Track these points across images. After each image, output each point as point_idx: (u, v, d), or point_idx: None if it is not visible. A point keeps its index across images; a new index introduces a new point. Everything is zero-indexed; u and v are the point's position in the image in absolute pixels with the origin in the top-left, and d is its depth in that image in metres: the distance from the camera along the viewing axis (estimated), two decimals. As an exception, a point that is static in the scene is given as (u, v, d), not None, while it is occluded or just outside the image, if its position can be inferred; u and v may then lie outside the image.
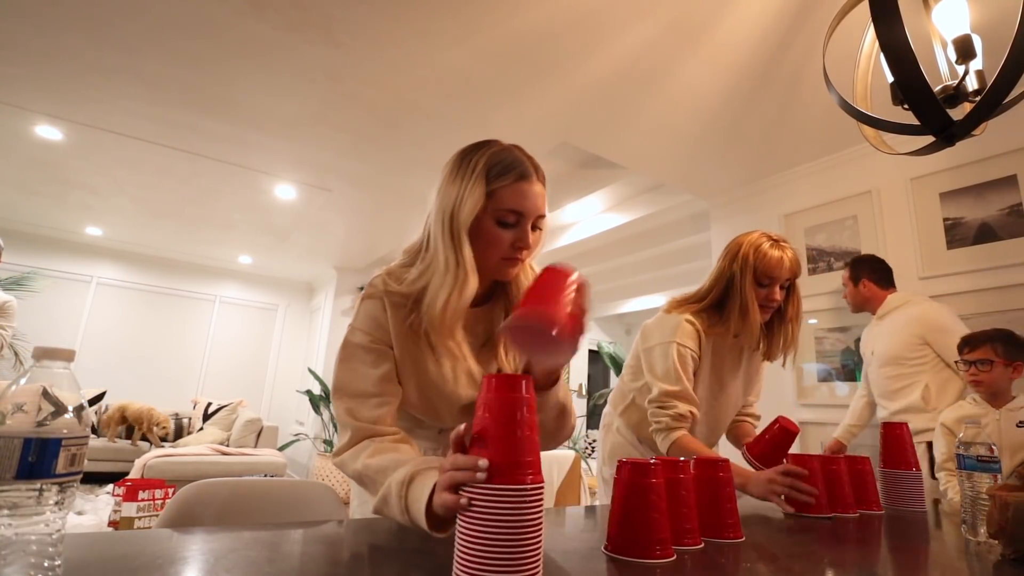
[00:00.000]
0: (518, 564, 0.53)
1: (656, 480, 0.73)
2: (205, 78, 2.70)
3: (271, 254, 6.10)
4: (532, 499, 0.55)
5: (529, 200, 0.88)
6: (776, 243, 1.41)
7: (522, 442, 0.56)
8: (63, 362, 0.46)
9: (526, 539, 0.54)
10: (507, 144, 0.92)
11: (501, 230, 0.88)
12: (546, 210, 0.93)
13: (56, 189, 4.48)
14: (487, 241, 0.88)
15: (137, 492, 3.08)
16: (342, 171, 3.72)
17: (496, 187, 0.86)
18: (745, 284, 1.38)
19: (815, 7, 1.95)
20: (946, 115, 1.17)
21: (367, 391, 0.88)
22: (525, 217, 0.88)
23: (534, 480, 0.56)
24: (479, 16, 2.11)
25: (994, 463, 0.90)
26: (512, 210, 0.87)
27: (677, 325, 1.43)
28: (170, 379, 6.29)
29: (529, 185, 0.88)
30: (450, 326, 0.89)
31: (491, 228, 0.88)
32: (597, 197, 4.32)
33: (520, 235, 0.89)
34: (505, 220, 0.88)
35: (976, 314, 2.36)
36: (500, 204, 0.87)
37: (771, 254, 1.37)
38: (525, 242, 0.89)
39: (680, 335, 1.41)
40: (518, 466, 0.55)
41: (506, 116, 2.80)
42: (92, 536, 0.67)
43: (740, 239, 1.45)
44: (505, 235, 0.88)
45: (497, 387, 0.58)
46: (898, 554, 0.86)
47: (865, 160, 2.83)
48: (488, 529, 0.53)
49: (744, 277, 1.38)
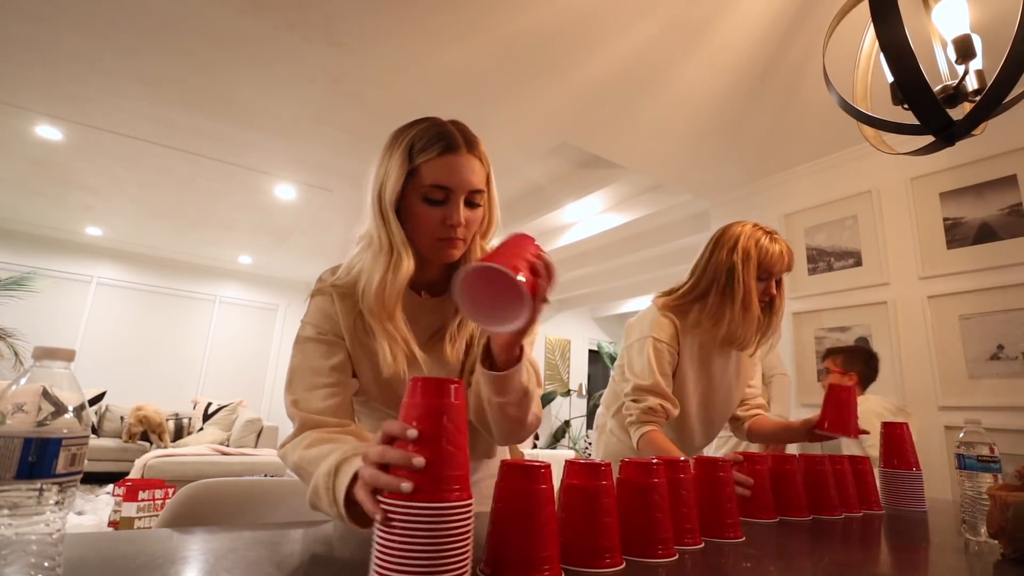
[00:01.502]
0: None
1: (658, 480, 0.73)
2: (205, 78, 2.70)
3: (271, 254, 6.10)
4: (456, 519, 0.50)
5: (456, 173, 0.82)
6: (771, 236, 1.40)
7: (447, 455, 0.51)
8: (63, 362, 0.46)
9: (449, 563, 0.49)
10: (442, 120, 0.87)
11: (429, 207, 0.83)
12: (487, 186, 0.87)
13: (56, 189, 4.48)
14: (416, 221, 0.84)
15: (137, 492, 3.08)
16: (342, 171, 3.72)
17: (420, 162, 0.82)
18: (748, 277, 1.35)
19: (815, 7, 1.95)
20: (946, 115, 1.17)
21: (316, 383, 0.85)
22: (454, 192, 0.82)
23: (460, 497, 0.50)
24: (479, 16, 2.11)
25: (994, 463, 0.90)
26: (437, 185, 0.82)
27: (652, 319, 1.42)
28: (170, 379, 6.29)
29: (455, 157, 0.82)
30: (388, 309, 0.84)
31: (419, 206, 0.83)
32: (597, 197, 4.32)
33: (449, 212, 0.83)
34: (431, 197, 0.82)
35: (976, 314, 2.36)
36: (424, 180, 0.82)
37: (772, 249, 1.36)
38: (456, 219, 0.82)
39: (655, 329, 1.40)
40: (442, 481, 0.50)
41: (506, 116, 2.80)
42: (92, 536, 0.67)
43: (734, 230, 1.42)
44: (433, 212, 0.83)
45: (423, 391, 0.52)
46: (898, 554, 0.86)
47: (865, 160, 2.83)
48: (407, 551, 0.48)
49: (747, 270, 1.35)
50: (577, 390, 7.90)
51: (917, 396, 2.52)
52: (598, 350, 8.46)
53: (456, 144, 0.83)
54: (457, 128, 0.86)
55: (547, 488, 0.60)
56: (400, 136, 0.86)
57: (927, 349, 2.50)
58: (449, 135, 0.83)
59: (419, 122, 0.87)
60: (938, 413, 2.43)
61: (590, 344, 8.40)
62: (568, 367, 7.97)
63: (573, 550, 0.63)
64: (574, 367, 8.08)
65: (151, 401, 5.53)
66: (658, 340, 1.39)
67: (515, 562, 0.57)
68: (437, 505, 0.49)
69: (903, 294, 2.63)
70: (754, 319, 1.36)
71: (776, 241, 1.39)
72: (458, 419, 0.52)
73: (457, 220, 0.83)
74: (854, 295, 2.81)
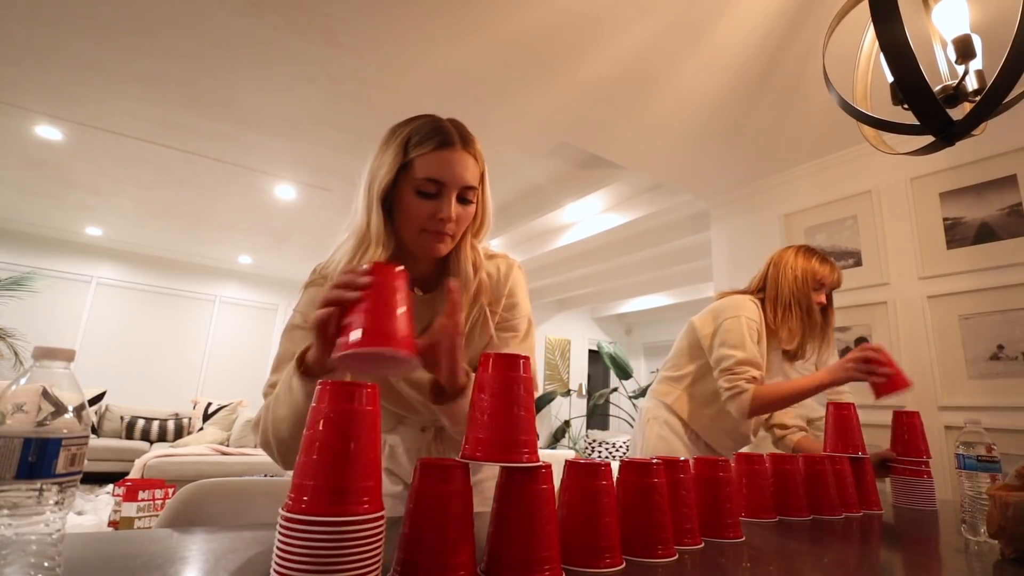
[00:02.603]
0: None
1: (658, 480, 0.73)
2: (205, 78, 2.70)
3: (271, 254, 6.10)
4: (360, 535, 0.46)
5: (449, 168, 0.83)
6: (822, 257, 1.64)
7: (354, 462, 0.47)
8: (63, 362, 0.46)
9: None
10: (439, 117, 0.89)
11: (420, 200, 0.84)
12: (481, 184, 0.88)
13: (56, 189, 4.48)
14: (406, 212, 0.85)
15: (137, 492, 3.08)
16: (342, 171, 3.72)
17: (414, 156, 0.83)
18: (809, 289, 1.59)
19: (815, 7, 1.95)
20: (946, 115, 1.17)
21: None
22: (446, 187, 0.84)
23: (368, 510, 0.47)
24: (479, 15, 2.11)
25: (994, 463, 0.90)
26: (429, 179, 0.83)
27: (744, 303, 1.60)
28: (170, 379, 6.29)
29: (450, 153, 0.83)
30: None
31: (410, 199, 0.84)
32: (597, 197, 4.32)
33: (440, 206, 0.84)
34: (424, 190, 0.84)
35: (976, 314, 2.36)
36: (417, 173, 0.83)
37: (822, 269, 1.62)
38: (446, 213, 0.83)
39: (748, 311, 1.57)
40: (342, 493, 0.46)
41: (506, 116, 2.80)
42: (92, 536, 0.67)
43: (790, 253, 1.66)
44: (424, 206, 0.84)
45: (331, 397, 0.50)
46: (898, 554, 0.86)
47: (865, 160, 2.83)
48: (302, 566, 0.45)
49: (806, 283, 1.59)
50: (577, 390, 7.90)
51: (917, 396, 2.52)
52: (598, 350, 8.45)
53: (452, 140, 0.84)
54: (454, 125, 0.87)
55: (547, 488, 0.60)
56: (397, 131, 0.87)
57: (927, 349, 2.50)
58: (445, 131, 0.84)
59: (417, 118, 0.88)
60: (938, 413, 2.43)
61: (590, 344, 8.40)
62: (568, 367, 7.97)
63: (573, 550, 0.63)
64: (574, 367, 8.08)
65: (151, 401, 5.53)
66: (750, 319, 1.56)
67: (515, 562, 0.57)
68: (333, 520, 0.46)
69: (903, 294, 2.63)
70: (815, 325, 1.61)
71: (826, 262, 1.63)
72: (369, 427, 0.49)
73: (448, 214, 0.83)
74: (854, 295, 2.81)
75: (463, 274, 0.90)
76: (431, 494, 0.55)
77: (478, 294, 0.93)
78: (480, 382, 0.63)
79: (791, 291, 1.59)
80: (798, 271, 1.60)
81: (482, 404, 0.61)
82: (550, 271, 5.81)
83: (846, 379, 1.39)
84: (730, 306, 1.60)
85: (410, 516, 0.55)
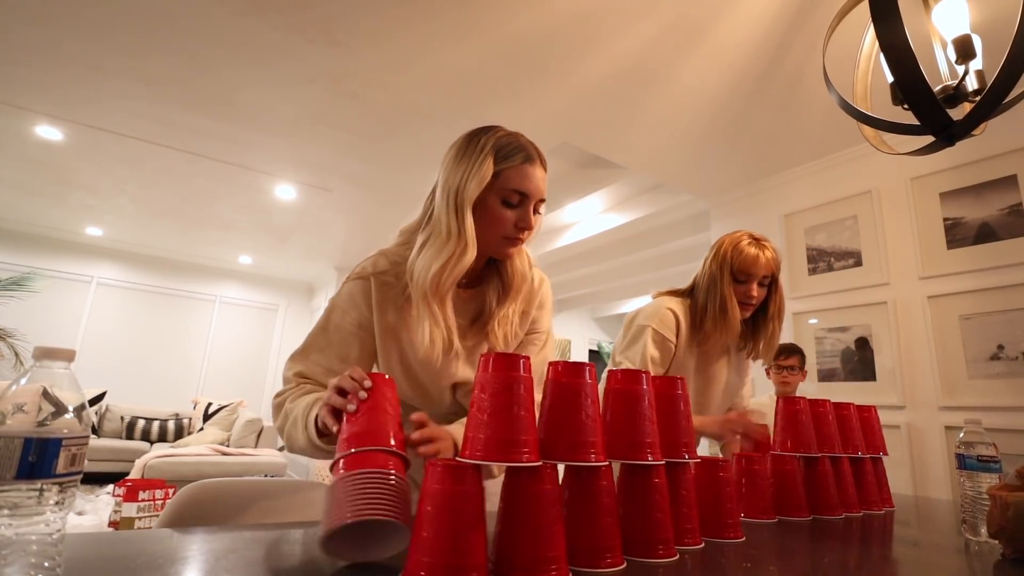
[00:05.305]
0: None
1: (659, 480, 0.73)
2: (205, 78, 2.70)
3: (271, 254, 6.10)
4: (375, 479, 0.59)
5: (533, 182, 0.93)
6: (756, 241, 1.44)
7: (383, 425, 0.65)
8: (63, 362, 0.46)
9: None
10: (511, 130, 0.98)
11: (505, 209, 0.92)
12: (545, 195, 0.97)
13: (56, 189, 4.48)
14: (491, 219, 0.93)
15: (137, 492, 3.08)
16: (342, 171, 3.72)
17: (503, 167, 0.91)
18: (723, 281, 1.42)
19: (815, 7, 1.95)
20: (946, 115, 1.17)
21: (321, 362, 0.94)
22: (529, 198, 0.93)
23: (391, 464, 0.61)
24: (479, 15, 2.11)
25: (994, 463, 0.90)
26: (517, 190, 0.92)
27: (657, 310, 1.46)
28: (170, 379, 6.29)
29: (534, 168, 0.93)
30: (442, 293, 0.91)
31: (496, 207, 0.92)
32: (597, 197, 4.33)
33: (523, 215, 0.93)
34: (509, 200, 0.92)
35: (976, 314, 2.36)
36: (506, 184, 0.91)
37: (748, 251, 1.42)
38: (527, 222, 0.93)
39: (656, 320, 1.44)
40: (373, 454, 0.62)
41: (506, 116, 2.80)
42: (92, 536, 0.67)
43: (723, 238, 1.49)
44: (509, 214, 0.92)
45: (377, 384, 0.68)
46: (898, 554, 0.86)
47: (865, 160, 2.83)
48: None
49: (723, 274, 1.42)
50: (577, 390, 7.89)
51: (917, 396, 2.52)
52: (598, 350, 8.46)
53: (534, 156, 0.94)
54: (528, 141, 0.97)
55: (553, 488, 0.61)
56: (478, 140, 0.94)
57: (927, 349, 2.50)
58: (528, 147, 0.95)
59: (492, 128, 0.96)
60: (938, 413, 2.43)
61: (590, 344, 8.40)
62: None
63: (574, 550, 0.63)
64: (574, 367, 8.07)
65: (151, 401, 5.53)
66: (657, 331, 1.42)
67: (523, 562, 0.57)
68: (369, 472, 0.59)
69: (903, 294, 2.63)
70: (733, 322, 1.41)
71: (758, 245, 1.43)
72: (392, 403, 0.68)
73: (529, 223, 0.94)
74: (854, 295, 2.81)
75: (519, 274, 1.01)
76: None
77: (518, 293, 1.02)
78: (480, 382, 0.63)
79: (705, 289, 1.45)
80: (714, 266, 1.44)
81: (482, 404, 0.61)
82: (550, 271, 5.78)
83: (721, 437, 1.42)
84: (645, 313, 1.48)
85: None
